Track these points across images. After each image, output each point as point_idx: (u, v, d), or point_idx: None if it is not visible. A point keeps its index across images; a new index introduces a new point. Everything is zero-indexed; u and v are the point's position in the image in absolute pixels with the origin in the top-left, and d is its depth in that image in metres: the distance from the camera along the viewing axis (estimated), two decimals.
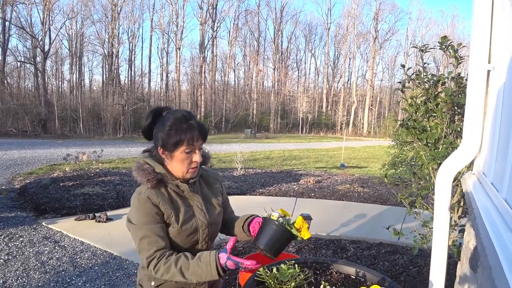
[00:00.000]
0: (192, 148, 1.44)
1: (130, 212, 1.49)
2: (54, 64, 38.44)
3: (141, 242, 1.42)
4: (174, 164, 1.48)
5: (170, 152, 1.44)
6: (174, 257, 1.40)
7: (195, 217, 1.54)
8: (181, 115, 1.45)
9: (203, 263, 1.36)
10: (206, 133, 1.49)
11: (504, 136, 1.23)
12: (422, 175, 3.03)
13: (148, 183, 1.44)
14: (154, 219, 1.43)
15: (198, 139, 1.44)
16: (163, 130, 1.43)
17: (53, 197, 6.49)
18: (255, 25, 51.28)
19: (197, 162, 1.47)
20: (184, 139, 1.41)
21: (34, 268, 3.70)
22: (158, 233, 1.43)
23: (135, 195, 1.47)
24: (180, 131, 1.41)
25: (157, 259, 1.39)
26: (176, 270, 1.36)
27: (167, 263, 1.38)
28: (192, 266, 1.37)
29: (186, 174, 1.49)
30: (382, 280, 1.64)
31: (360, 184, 8.72)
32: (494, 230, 0.95)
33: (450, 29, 51.28)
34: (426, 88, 2.85)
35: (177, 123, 1.42)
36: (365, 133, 48.82)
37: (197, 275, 1.36)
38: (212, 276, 1.35)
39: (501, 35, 1.50)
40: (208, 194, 1.65)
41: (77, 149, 13.39)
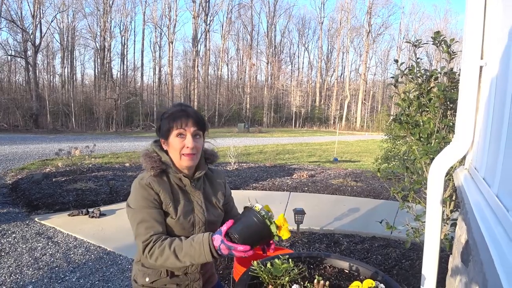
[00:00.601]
0: (183, 132, 1.47)
1: (129, 197, 1.50)
2: (45, 58, 38.04)
3: (138, 227, 1.42)
4: (171, 152, 1.51)
5: (166, 139, 1.50)
6: (169, 239, 1.40)
7: (193, 213, 1.55)
8: (176, 104, 1.55)
9: (196, 243, 1.35)
10: (200, 120, 1.52)
11: (496, 132, 1.24)
12: (415, 170, 3.05)
13: (152, 170, 1.47)
14: (153, 204, 1.44)
15: (189, 124, 1.47)
16: (161, 119, 1.53)
17: (45, 192, 6.45)
18: (248, 18, 51.15)
19: (190, 148, 1.47)
20: (176, 122, 1.46)
21: (27, 264, 3.68)
22: (156, 218, 1.43)
23: (137, 180, 1.49)
24: (173, 116, 1.48)
25: (152, 242, 1.39)
26: (170, 252, 1.36)
27: (161, 246, 1.37)
28: (185, 247, 1.36)
29: (180, 162, 1.50)
30: (375, 274, 1.65)
31: (353, 178, 8.77)
32: (486, 225, 0.96)
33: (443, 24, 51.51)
34: (419, 83, 2.86)
35: (171, 110, 1.51)
36: (358, 127, 48.99)
37: (190, 255, 1.35)
38: (206, 257, 1.32)
39: (493, 32, 1.51)
40: (210, 193, 1.66)
41: (70, 144, 13.29)
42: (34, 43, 32.14)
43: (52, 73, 39.61)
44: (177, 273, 1.57)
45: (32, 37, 32.19)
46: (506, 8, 1.28)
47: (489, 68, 1.52)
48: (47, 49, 37.21)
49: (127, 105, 36.74)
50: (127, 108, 36.98)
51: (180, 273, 1.58)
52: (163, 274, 1.54)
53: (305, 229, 4.70)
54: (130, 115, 37.20)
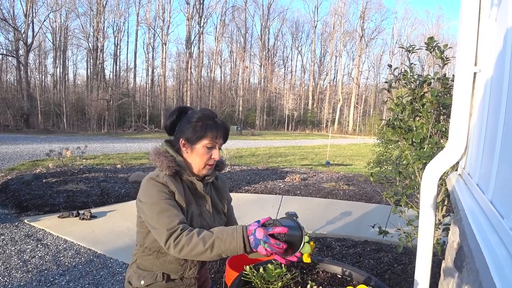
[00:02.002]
0: (214, 144, 1.49)
1: (141, 193, 1.44)
2: (37, 57, 37.73)
3: (160, 217, 1.34)
4: (193, 158, 1.50)
5: (192, 144, 1.48)
6: (197, 229, 1.33)
7: (201, 218, 1.54)
8: (209, 112, 1.53)
9: (229, 228, 1.30)
10: (228, 134, 1.56)
11: (490, 138, 1.24)
12: (407, 174, 3.06)
13: (167, 170, 1.44)
14: (169, 196, 1.41)
15: (221, 137, 1.51)
16: (190, 122, 1.48)
17: (35, 194, 6.37)
18: (242, 21, 51.25)
19: (215, 160, 1.51)
20: (209, 134, 1.46)
21: (16, 267, 3.62)
22: (176, 208, 1.40)
23: (150, 177, 1.44)
24: (206, 126, 1.47)
25: (180, 230, 1.32)
26: (199, 239, 1.28)
27: (189, 234, 1.30)
28: (216, 233, 1.29)
29: (202, 170, 1.51)
30: (368, 279, 1.65)
31: (345, 182, 8.79)
32: (480, 232, 0.96)
33: (435, 29, 52.05)
34: (412, 88, 2.87)
35: (204, 118, 1.49)
36: (350, 131, 49.23)
37: (221, 240, 1.27)
38: (237, 243, 1.25)
39: (487, 38, 1.52)
40: (216, 199, 1.67)
41: (61, 144, 13.16)
42: (26, 42, 31.85)
43: (44, 72, 39.36)
44: (173, 277, 1.55)
45: (24, 36, 31.89)
46: (500, 15, 1.29)
47: (483, 75, 1.53)
48: (39, 49, 36.91)
49: (120, 106, 36.54)
50: (119, 109, 36.75)
51: (177, 277, 1.56)
52: (159, 278, 1.52)
53: None
54: (122, 116, 36.94)
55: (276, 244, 1.23)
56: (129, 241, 4.27)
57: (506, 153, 1.01)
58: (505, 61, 1.12)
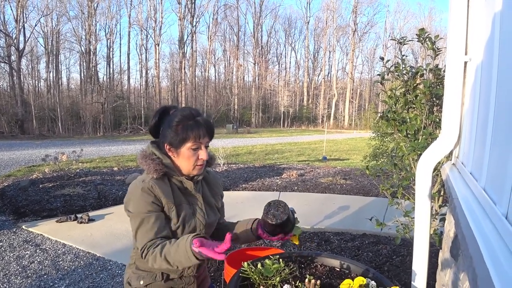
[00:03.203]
0: (199, 145, 1.44)
1: (128, 199, 1.45)
2: (30, 62, 37.43)
3: (137, 233, 1.41)
4: (180, 161, 1.47)
5: (176, 148, 1.45)
6: (161, 246, 1.36)
7: (194, 217, 1.53)
8: (188, 112, 1.46)
9: (180, 250, 1.30)
10: (212, 130, 1.49)
11: (482, 126, 1.25)
12: (403, 166, 3.07)
13: (155, 173, 1.43)
14: (154, 209, 1.41)
15: (205, 136, 1.44)
16: (171, 127, 1.44)
17: (32, 199, 6.34)
18: (234, 19, 51.10)
19: (204, 160, 1.47)
20: (191, 136, 1.41)
21: (15, 273, 3.61)
22: (154, 223, 1.41)
23: (138, 183, 1.45)
24: (186, 127, 1.41)
25: (146, 249, 1.38)
26: (162, 259, 1.33)
27: (154, 253, 1.35)
28: (172, 253, 1.32)
29: (192, 171, 1.49)
30: (366, 271, 1.65)
31: (342, 176, 8.81)
32: (474, 219, 0.96)
33: (428, 21, 52.10)
34: (405, 80, 2.88)
35: (184, 120, 1.43)
36: (346, 125, 49.29)
37: (179, 262, 1.31)
38: (192, 261, 1.27)
39: (477, 27, 1.52)
40: (208, 196, 1.65)
41: (56, 149, 13.11)
42: (18, 48, 31.62)
43: (37, 78, 39.04)
44: (172, 276, 1.55)
45: (15, 42, 31.66)
46: (488, 4, 1.29)
47: (474, 64, 1.54)
48: (31, 54, 36.62)
49: (114, 108, 36.39)
50: (114, 112, 36.60)
51: (176, 276, 1.56)
52: (158, 278, 1.53)
53: None
54: (117, 119, 36.79)
55: None
56: (128, 243, 4.27)
57: (497, 140, 1.01)
58: (493, 47, 1.13)
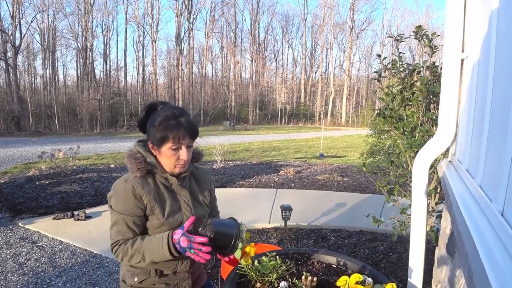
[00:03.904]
0: (179, 145, 1.44)
1: (110, 196, 1.48)
2: (26, 59, 37.15)
3: (112, 228, 1.46)
4: (162, 159, 1.48)
5: (158, 147, 1.45)
6: (132, 240, 1.43)
7: (181, 212, 1.54)
8: (171, 112, 1.44)
9: (156, 238, 1.38)
10: (195, 131, 1.47)
11: (478, 124, 1.25)
12: (400, 163, 3.08)
13: (137, 172, 1.45)
14: (131, 210, 1.44)
15: (185, 137, 1.43)
16: (153, 125, 1.44)
17: (29, 196, 6.33)
18: (231, 16, 50.90)
19: (184, 160, 1.47)
20: (170, 136, 1.41)
21: (11, 270, 3.60)
22: (129, 225, 1.45)
23: (121, 181, 1.48)
24: (167, 127, 1.41)
25: (118, 245, 1.43)
26: (132, 250, 1.39)
27: (125, 246, 1.41)
28: (145, 243, 1.39)
29: (174, 169, 1.49)
30: (363, 268, 1.66)
31: (339, 173, 8.83)
32: (470, 216, 0.97)
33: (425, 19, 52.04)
34: (402, 78, 2.88)
35: (166, 119, 1.42)
36: (343, 122, 49.31)
37: (150, 250, 1.37)
38: (163, 253, 1.33)
39: (474, 25, 1.52)
40: (196, 191, 1.66)
41: (53, 146, 13.05)
42: (14, 44, 31.43)
43: (33, 74, 38.77)
44: (166, 272, 1.56)
45: (11, 38, 31.45)
46: (485, 2, 1.29)
47: (470, 61, 1.54)
48: (27, 50, 36.38)
49: (111, 105, 36.25)
50: (111, 109, 36.46)
51: (170, 272, 1.57)
52: (152, 274, 1.53)
53: (292, 225, 4.71)
54: (114, 116, 36.66)
55: (200, 250, 1.30)
56: None
57: (493, 137, 1.02)
58: (490, 45, 1.13)
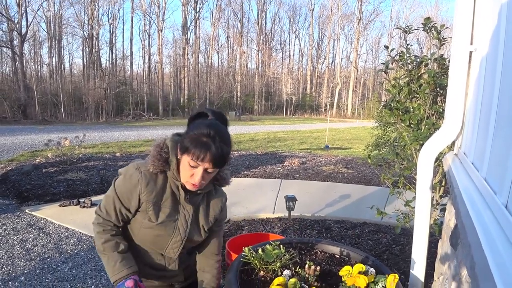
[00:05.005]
0: (196, 164, 1.32)
1: (121, 173, 1.47)
2: (32, 47, 37.28)
3: (104, 198, 1.48)
4: (180, 166, 1.39)
5: (181, 153, 1.36)
6: (109, 236, 1.44)
7: (175, 224, 1.48)
8: (207, 130, 1.31)
9: (116, 267, 1.42)
10: (219, 161, 1.34)
11: (485, 117, 1.25)
12: (405, 156, 3.07)
13: (152, 167, 1.40)
14: (126, 198, 1.43)
15: (206, 160, 1.30)
16: (189, 131, 1.36)
17: (35, 183, 6.39)
18: (238, 6, 50.63)
19: (195, 182, 1.36)
20: (191, 151, 1.30)
21: (19, 256, 3.66)
22: (116, 208, 1.44)
23: (133, 166, 1.44)
24: (195, 142, 1.30)
25: (100, 224, 1.46)
26: (100, 246, 1.45)
27: (100, 234, 1.45)
28: (111, 258, 1.43)
29: (185, 183, 1.40)
30: (366, 258, 1.67)
31: (344, 165, 8.82)
32: (474, 208, 0.97)
33: (434, 11, 51.44)
34: (409, 70, 2.87)
35: (199, 134, 1.31)
36: (349, 114, 49.14)
37: (107, 266, 1.44)
38: (111, 278, 1.41)
39: (483, 17, 1.51)
40: (202, 213, 1.55)
41: (59, 134, 13.14)
42: (20, 33, 31.48)
43: (39, 63, 38.94)
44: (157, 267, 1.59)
45: (18, 27, 31.49)
46: None
47: (479, 54, 1.53)
48: (33, 39, 36.47)
49: (117, 94, 36.35)
50: (117, 98, 36.56)
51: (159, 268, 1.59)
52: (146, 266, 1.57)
53: (296, 216, 4.73)
54: (120, 105, 36.76)
55: None
56: None
57: (499, 131, 1.02)
58: (499, 38, 1.12)
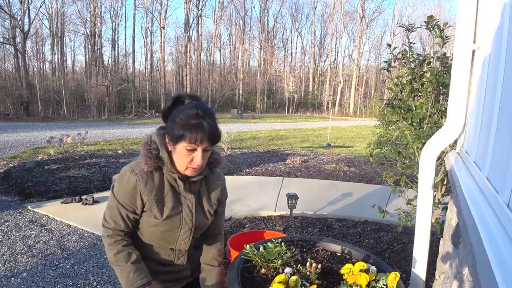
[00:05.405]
0: (194, 147, 1.33)
1: (116, 179, 1.46)
2: (35, 44, 37.29)
3: (107, 209, 1.48)
4: (175, 157, 1.39)
5: (173, 143, 1.36)
6: (120, 247, 1.44)
7: (181, 215, 1.48)
8: (194, 111, 1.32)
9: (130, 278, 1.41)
10: (215, 136, 1.36)
11: (487, 116, 1.25)
12: (407, 154, 3.07)
13: (145, 166, 1.39)
14: (129, 203, 1.42)
15: (203, 141, 1.32)
16: (174, 119, 1.35)
17: (38, 180, 6.41)
18: (240, 3, 50.47)
19: (197, 164, 1.36)
20: (187, 136, 1.30)
21: (21, 252, 3.68)
22: (122, 215, 1.44)
23: (127, 170, 1.42)
24: (186, 126, 1.31)
25: (109, 235, 1.46)
26: (112, 257, 1.43)
27: (111, 245, 1.44)
28: (125, 268, 1.42)
29: (184, 171, 1.40)
30: (367, 257, 1.67)
31: (346, 163, 8.82)
32: (476, 207, 0.97)
33: (437, 9, 51.24)
34: (411, 68, 2.86)
35: (187, 117, 1.32)
36: (351, 113, 49.03)
37: (121, 277, 1.42)
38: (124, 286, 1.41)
39: (486, 16, 1.50)
40: (204, 197, 1.56)
41: (61, 131, 13.15)
42: (22, 30, 31.49)
43: (42, 60, 38.94)
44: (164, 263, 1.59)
45: (20, 24, 31.51)
46: None
47: (482, 52, 1.52)
48: (36, 36, 36.50)
49: (119, 91, 36.33)
50: (119, 95, 36.55)
51: (167, 262, 1.59)
52: (153, 262, 1.56)
53: (298, 214, 4.73)
54: (122, 102, 36.76)
55: None
56: None
57: (502, 129, 1.01)
58: (502, 37, 1.11)
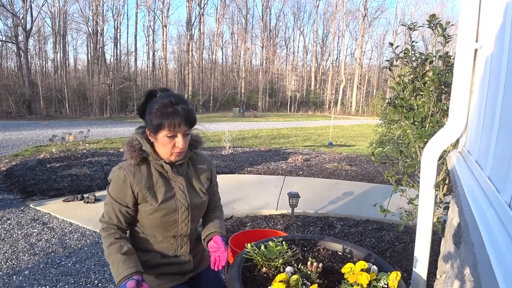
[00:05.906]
0: (174, 133, 1.45)
1: (110, 179, 1.54)
2: (37, 43, 37.34)
3: (104, 206, 1.56)
4: (158, 146, 1.50)
5: (154, 134, 1.47)
6: (113, 239, 1.49)
7: (175, 198, 1.56)
8: (168, 99, 1.45)
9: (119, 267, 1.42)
10: (191, 119, 1.47)
11: (489, 115, 1.24)
12: (409, 153, 3.06)
13: (131, 160, 1.50)
14: (122, 198, 1.50)
15: (181, 125, 1.43)
16: (150, 112, 1.46)
17: (40, 178, 6.43)
18: (243, 2, 50.46)
19: (180, 148, 1.48)
20: (165, 124, 1.41)
21: (23, 250, 3.69)
22: (116, 211, 1.51)
23: (116, 167, 1.53)
24: (163, 115, 1.41)
25: (104, 229, 1.53)
26: (106, 250, 1.49)
27: (105, 238, 1.50)
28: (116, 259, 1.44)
29: (170, 157, 1.51)
30: (368, 256, 1.67)
31: (347, 162, 8.81)
32: (477, 206, 0.97)
33: (440, 8, 51.07)
34: (414, 67, 2.85)
35: (162, 107, 1.43)
36: (353, 111, 48.96)
37: (112, 268, 1.45)
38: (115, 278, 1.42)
39: (488, 15, 1.50)
40: (193, 178, 1.66)
41: (63, 130, 13.20)
42: (25, 28, 31.54)
43: (44, 58, 38.99)
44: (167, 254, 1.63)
45: (23, 22, 31.57)
46: None
47: (484, 51, 1.52)
48: (38, 34, 36.55)
49: (121, 90, 36.39)
50: (121, 93, 36.61)
51: (170, 255, 1.63)
52: (156, 254, 1.61)
53: (299, 213, 4.73)
54: (124, 100, 36.81)
55: None
56: None
57: (504, 129, 1.01)
58: (505, 36, 1.11)
